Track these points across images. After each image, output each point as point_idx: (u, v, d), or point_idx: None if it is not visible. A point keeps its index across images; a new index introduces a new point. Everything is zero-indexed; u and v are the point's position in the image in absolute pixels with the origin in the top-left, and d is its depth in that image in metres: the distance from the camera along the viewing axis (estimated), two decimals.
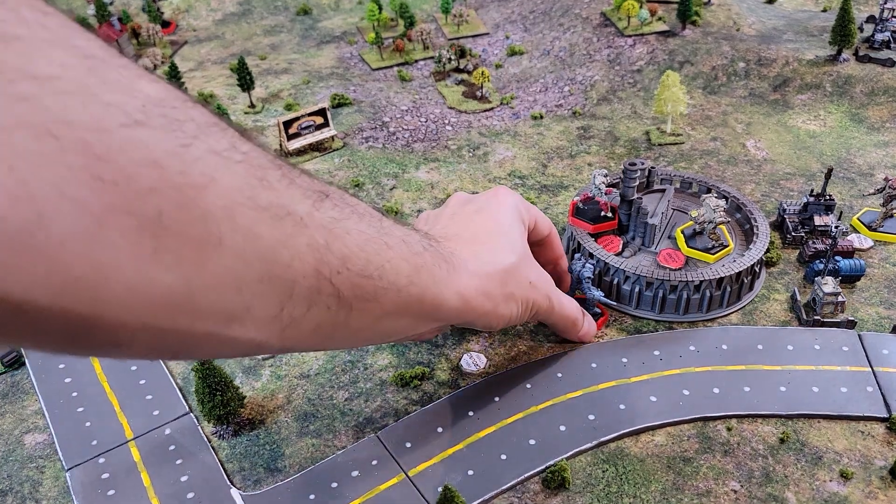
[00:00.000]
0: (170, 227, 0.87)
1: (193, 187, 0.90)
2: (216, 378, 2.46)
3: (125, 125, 0.81)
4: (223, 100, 4.84)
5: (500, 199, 2.56)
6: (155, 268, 0.87)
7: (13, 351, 3.00)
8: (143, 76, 0.90)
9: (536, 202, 3.74)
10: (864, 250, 3.31)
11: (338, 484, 2.39)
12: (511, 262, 2.27)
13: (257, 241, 1.03)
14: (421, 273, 1.74)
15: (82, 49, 0.81)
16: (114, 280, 0.82)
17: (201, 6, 6.45)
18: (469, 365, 2.79)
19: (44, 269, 0.75)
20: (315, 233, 1.19)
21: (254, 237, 1.02)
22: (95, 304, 0.82)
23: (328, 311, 1.29)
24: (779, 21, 5.33)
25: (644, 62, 4.93)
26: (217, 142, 0.96)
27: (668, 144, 4.22)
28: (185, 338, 1.00)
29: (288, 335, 1.21)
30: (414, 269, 1.70)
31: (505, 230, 2.40)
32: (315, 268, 1.20)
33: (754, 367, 2.73)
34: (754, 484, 2.34)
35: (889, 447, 2.44)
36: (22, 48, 0.73)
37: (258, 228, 1.03)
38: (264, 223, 1.05)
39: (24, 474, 2.53)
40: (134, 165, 0.81)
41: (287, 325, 1.18)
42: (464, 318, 2.11)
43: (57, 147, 0.74)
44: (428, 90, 4.97)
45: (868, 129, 4.28)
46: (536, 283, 2.39)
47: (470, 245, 2.23)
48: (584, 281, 2.91)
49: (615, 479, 2.37)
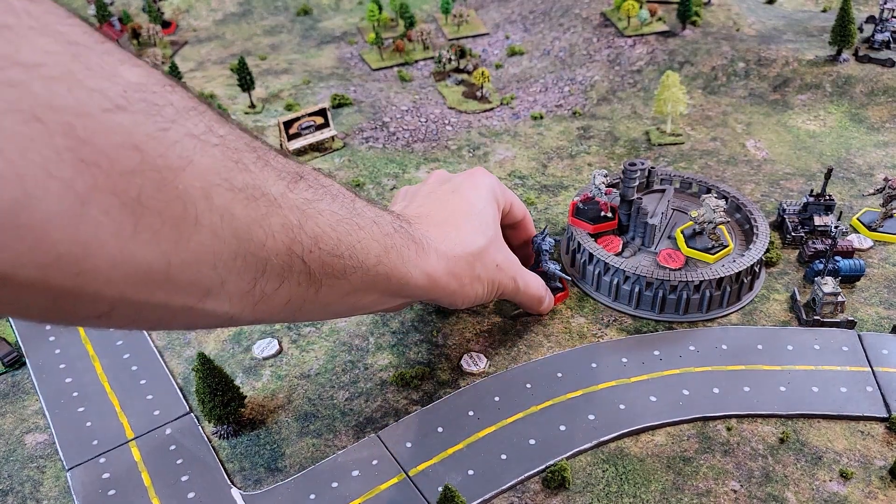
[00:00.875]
0: (149, 206, 0.91)
1: (171, 169, 0.94)
2: (217, 378, 2.47)
3: (107, 110, 0.85)
4: (223, 100, 4.84)
5: (476, 180, 2.63)
6: (135, 245, 0.91)
7: (14, 351, 3.01)
8: (125, 61, 0.93)
9: (536, 202, 3.75)
10: (864, 250, 3.32)
11: (338, 484, 2.39)
12: (480, 245, 2.35)
13: (233, 221, 1.09)
14: (390, 253, 1.79)
15: (67, 35, 0.84)
16: (96, 256, 0.87)
17: (202, 6, 6.46)
18: (469, 365, 2.80)
19: (30, 246, 0.78)
20: (289, 213, 1.25)
21: (229, 217, 1.08)
22: (78, 279, 0.86)
23: (299, 287, 1.35)
24: (779, 21, 5.34)
25: (644, 62, 4.93)
26: (195, 125, 1.01)
27: (667, 144, 4.22)
28: (163, 310, 1.05)
29: (260, 308, 1.27)
30: (383, 250, 1.75)
31: (477, 212, 2.47)
32: (288, 246, 1.25)
33: (754, 367, 2.73)
34: (754, 484, 2.34)
35: (889, 447, 2.44)
36: (10, 36, 0.76)
37: (233, 208, 1.08)
38: (239, 203, 1.10)
39: (25, 474, 2.54)
40: (115, 148, 0.85)
41: (259, 300, 1.24)
42: (430, 296, 2.18)
43: (43, 131, 0.77)
44: (428, 90, 4.97)
45: (868, 130, 4.28)
46: (503, 265, 2.47)
47: (442, 226, 2.31)
48: (543, 254, 2.96)
49: (615, 478, 2.38)
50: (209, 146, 1.03)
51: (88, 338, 3.08)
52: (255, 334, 3.05)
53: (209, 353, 2.82)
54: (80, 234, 0.83)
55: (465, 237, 2.32)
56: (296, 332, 3.04)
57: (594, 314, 3.03)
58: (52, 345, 3.05)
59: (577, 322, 2.99)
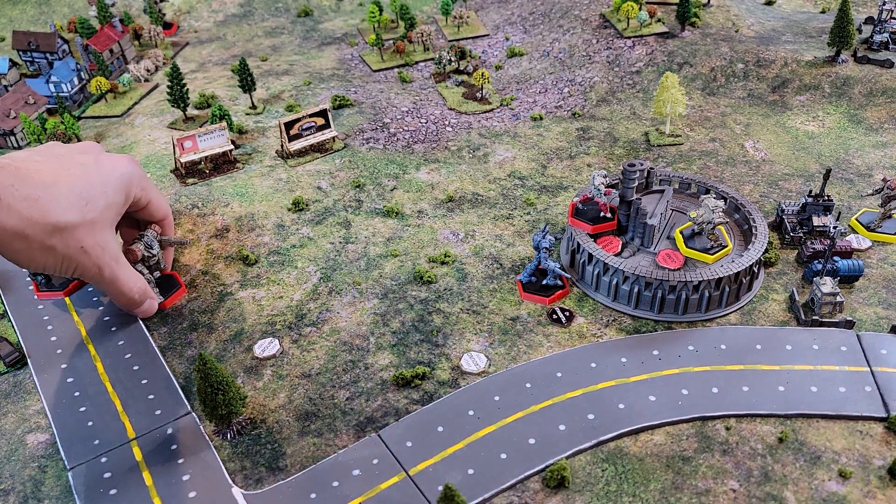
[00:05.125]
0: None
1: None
2: (218, 378, 2.47)
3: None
4: (224, 101, 4.85)
5: (114, 164, 2.80)
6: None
7: (16, 351, 3.02)
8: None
9: (536, 203, 3.76)
10: (863, 251, 3.33)
11: (339, 483, 2.40)
12: (67, 220, 2.50)
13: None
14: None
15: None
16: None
17: (203, 8, 6.47)
18: (469, 365, 2.81)
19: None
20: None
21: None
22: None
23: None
24: (777, 22, 5.35)
25: (643, 63, 4.95)
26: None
27: (666, 145, 4.23)
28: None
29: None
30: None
31: (89, 190, 2.61)
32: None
33: (753, 367, 2.74)
34: (753, 483, 2.35)
35: (888, 447, 2.45)
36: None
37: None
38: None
39: (27, 474, 2.54)
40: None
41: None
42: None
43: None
44: (428, 91, 4.99)
45: (866, 130, 4.30)
46: (91, 250, 2.60)
47: (38, 187, 2.46)
48: (542, 251, 2.98)
49: (614, 478, 2.38)
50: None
51: (90, 338, 3.09)
52: (256, 334, 3.06)
53: (210, 353, 2.83)
54: None
55: (53, 207, 2.45)
56: (297, 332, 3.06)
57: (594, 314, 3.04)
58: (54, 345, 3.06)
59: (577, 322, 3.01)
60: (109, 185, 2.62)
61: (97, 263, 2.57)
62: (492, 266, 3.33)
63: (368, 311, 3.12)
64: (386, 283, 3.30)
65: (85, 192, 2.53)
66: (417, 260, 3.43)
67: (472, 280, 3.25)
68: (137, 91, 5.16)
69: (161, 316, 3.20)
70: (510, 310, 3.08)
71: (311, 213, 3.77)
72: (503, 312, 3.07)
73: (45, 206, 2.36)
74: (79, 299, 3.31)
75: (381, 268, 3.40)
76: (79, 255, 2.48)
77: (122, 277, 2.72)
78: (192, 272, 3.42)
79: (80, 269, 2.54)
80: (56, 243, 2.40)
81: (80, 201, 2.49)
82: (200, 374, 2.47)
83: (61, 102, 4.63)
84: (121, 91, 5.11)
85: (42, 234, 2.35)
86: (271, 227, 3.68)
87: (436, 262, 3.40)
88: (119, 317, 3.20)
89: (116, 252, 2.66)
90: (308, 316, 3.13)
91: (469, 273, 3.30)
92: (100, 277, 2.63)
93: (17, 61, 5.45)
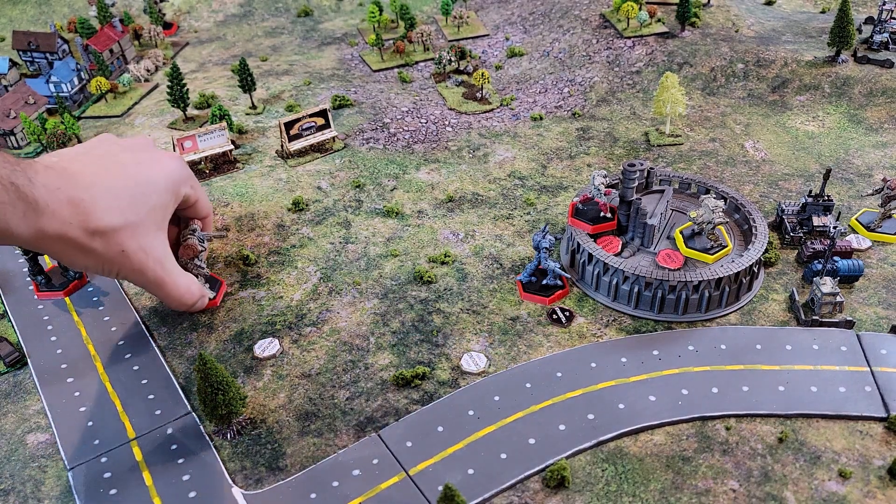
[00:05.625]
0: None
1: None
2: (218, 378, 2.47)
3: None
4: (224, 101, 4.86)
5: (162, 165, 2.73)
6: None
7: (16, 351, 3.02)
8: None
9: (536, 203, 3.76)
10: (863, 251, 3.33)
11: (339, 483, 2.40)
12: (108, 224, 2.44)
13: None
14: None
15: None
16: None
17: (203, 8, 6.47)
18: (469, 365, 2.81)
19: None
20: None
21: None
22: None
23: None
24: (777, 22, 5.35)
25: (643, 63, 4.95)
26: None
27: (666, 145, 4.23)
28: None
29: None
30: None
31: (132, 191, 2.55)
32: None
33: (753, 367, 2.74)
34: (753, 483, 2.35)
35: (887, 447, 2.45)
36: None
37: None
38: None
39: (27, 474, 2.54)
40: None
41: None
42: (40, 249, 2.41)
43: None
44: (428, 91, 4.99)
45: (866, 130, 4.30)
46: (131, 254, 2.54)
47: (81, 190, 2.41)
48: (542, 251, 2.99)
49: (614, 478, 2.38)
50: None
51: (90, 338, 3.09)
52: (256, 334, 3.06)
53: (210, 353, 2.83)
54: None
55: (95, 210, 2.39)
56: (297, 332, 3.06)
57: (593, 314, 3.05)
58: (54, 345, 3.06)
59: (577, 322, 3.01)
60: (156, 185, 2.55)
61: (139, 267, 2.51)
62: (492, 266, 3.33)
63: (368, 311, 3.12)
64: (386, 283, 3.30)
65: (128, 194, 2.46)
66: (417, 260, 3.43)
67: (472, 280, 3.25)
68: (137, 91, 5.16)
69: (161, 316, 3.20)
70: (510, 310, 3.08)
71: (311, 213, 3.77)
72: (503, 312, 3.07)
73: (87, 209, 2.31)
74: (79, 299, 3.32)
75: (381, 268, 3.40)
76: (120, 258, 2.43)
77: (169, 280, 2.65)
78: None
79: (123, 272, 2.49)
80: (97, 246, 2.35)
81: (122, 204, 2.43)
82: (200, 374, 2.47)
83: (61, 102, 4.63)
84: (121, 91, 5.12)
85: (83, 237, 2.31)
86: (271, 227, 3.68)
87: (436, 262, 3.40)
88: (119, 317, 3.20)
89: (162, 254, 2.57)
90: (308, 316, 3.13)
91: (469, 273, 3.30)
92: (144, 280, 2.57)
93: (17, 61, 5.45)
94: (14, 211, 2.00)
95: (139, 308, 3.26)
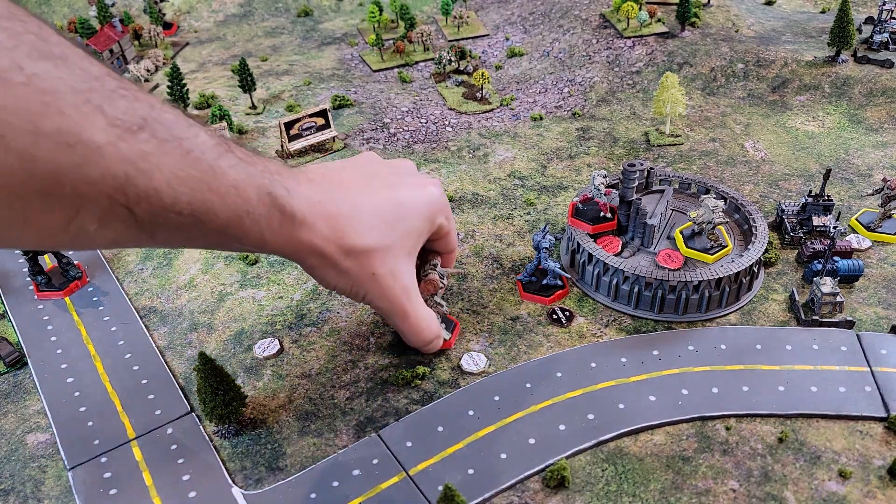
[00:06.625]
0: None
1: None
2: (218, 378, 2.48)
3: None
4: (224, 101, 4.85)
5: (424, 190, 2.48)
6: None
7: (16, 351, 3.02)
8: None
9: (536, 203, 3.76)
10: (863, 251, 3.33)
11: (339, 483, 2.40)
12: (364, 244, 2.23)
13: (33, 163, 1.16)
14: (244, 221, 1.82)
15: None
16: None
17: (203, 7, 6.47)
18: (469, 364, 2.81)
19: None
20: (114, 165, 1.29)
21: (29, 159, 1.14)
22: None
23: (127, 231, 1.42)
24: (777, 22, 5.35)
25: (643, 63, 4.94)
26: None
27: (666, 145, 4.23)
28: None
29: (81, 241, 1.38)
30: (235, 216, 1.78)
31: (391, 214, 2.33)
32: (109, 195, 1.32)
33: (753, 367, 2.74)
34: (753, 483, 2.35)
35: (887, 447, 2.45)
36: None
37: (34, 151, 1.14)
38: (44, 147, 1.15)
39: (27, 474, 2.55)
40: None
41: (76, 235, 1.34)
42: (298, 262, 2.21)
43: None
44: (428, 91, 4.99)
45: (866, 130, 4.30)
46: (381, 278, 2.31)
47: (342, 203, 2.21)
48: (542, 251, 2.97)
49: (614, 478, 2.39)
50: (11, 86, 1.07)
51: (90, 338, 3.09)
52: (256, 334, 3.06)
53: (210, 353, 2.83)
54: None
55: (352, 228, 2.20)
56: (297, 332, 3.06)
57: (593, 314, 3.05)
58: (54, 345, 3.06)
59: (577, 322, 3.01)
60: (414, 210, 2.34)
61: (387, 293, 2.32)
62: (492, 266, 3.33)
63: (368, 311, 3.12)
64: None
65: (386, 216, 2.27)
66: None
67: (472, 280, 3.25)
68: None
69: (161, 316, 3.21)
70: (510, 310, 3.08)
71: None
72: (503, 312, 3.07)
73: (344, 227, 2.15)
74: (79, 299, 3.32)
75: None
76: (369, 281, 2.25)
77: (412, 312, 2.45)
78: (191, 271, 3.42)
79: (369, 296, 2.31)
80: (350, 267, 2.18)
81: (379, 224, 2.24)
82: (200, 374, 2.47)
83: None
84: None
85: (338, 256, 2.14)
86: None
87: None
88: (119, 317, 3.20)
89: (409, 283, 2.36)
90: (308, 316, 3.13)
91: (469, 273, 3.30)
92: (389, 308, 2.38)
93: None
94: (269, 222, 1.88)
95: (139, 308, 3.27)
